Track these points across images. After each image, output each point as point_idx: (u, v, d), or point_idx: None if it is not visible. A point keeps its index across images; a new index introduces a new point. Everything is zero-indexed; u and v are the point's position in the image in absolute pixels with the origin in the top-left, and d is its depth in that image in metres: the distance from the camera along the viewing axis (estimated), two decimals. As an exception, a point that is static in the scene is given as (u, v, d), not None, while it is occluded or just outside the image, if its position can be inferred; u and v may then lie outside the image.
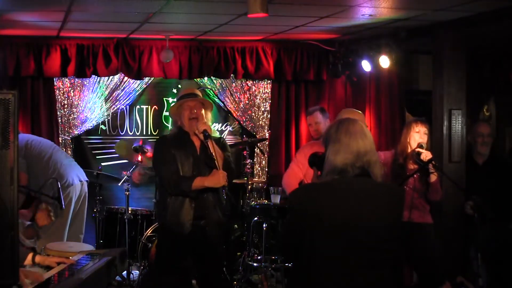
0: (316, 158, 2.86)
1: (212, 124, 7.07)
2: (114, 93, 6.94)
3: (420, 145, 4.70)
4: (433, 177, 4.66)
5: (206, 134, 4.16)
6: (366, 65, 6.61)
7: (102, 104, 6.89)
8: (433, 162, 4.60)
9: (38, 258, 3.45)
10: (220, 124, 7.37)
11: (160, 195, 4.50)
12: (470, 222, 5.00)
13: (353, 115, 4.68)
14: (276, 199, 5.92)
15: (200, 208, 4.28)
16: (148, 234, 5.84)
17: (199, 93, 4.47)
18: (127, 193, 5.99)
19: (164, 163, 4.28)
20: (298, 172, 5.32)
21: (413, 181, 4.74)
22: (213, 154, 4.13)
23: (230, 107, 7.19)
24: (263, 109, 7.31)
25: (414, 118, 5.07)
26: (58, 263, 3.46)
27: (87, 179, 6.07)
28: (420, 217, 4.77)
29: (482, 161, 5.44)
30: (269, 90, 7.31)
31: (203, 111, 4.33)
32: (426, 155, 4.63)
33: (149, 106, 7.20)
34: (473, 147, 5.49)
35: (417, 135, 4.78)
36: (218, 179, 4.16)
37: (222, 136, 6.95)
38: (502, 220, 5.19)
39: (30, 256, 3.42)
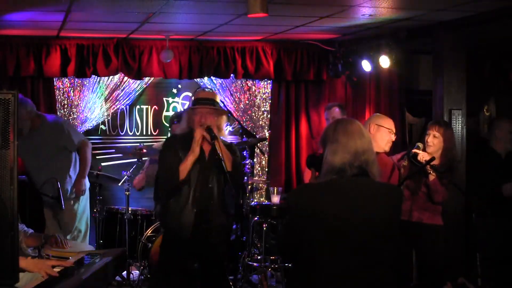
0: (314, 158, 2.86)
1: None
2: (114, 93, 6.94)
3: (416, 146, 4.66)
4: (431, 177, 4.62)
5: (213, 135, 4.11)
6: (366, 65, 6.61)
7: (102, 104, 6.89)
8: (431, 163, 4.52)
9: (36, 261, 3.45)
10: (220, 124, 7.36)
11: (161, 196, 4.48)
12: (470, 221, 5.00)
13: (386, 120, 4.74)
14: (276, 199, 5.91)
15: (203, 211, 4.21)
16: (148, 234, 5.83)
17: (216, 99, 4.32)
18: (127, 193, 5.99)
19: (166, 170, 4.22)
20: None
21: (422, 182, 4.70)
22: (220, 154, 4.08)
23: (230, 107, 7.19)
24: (263, 109, 7.31)
25: (432, 120, 5.05)
26: (53, 266, 3.45)
27: None
28: (429, 218, 4.71)
29: (505, 155, 5.50)
30: (269, 90, 7.32)
31: (215, 119, 4.22)
32: (422, 155, 4.59)
33: (149, 106, 7.20)
34: (500, 141, 5.52)
35: (426, 137, 4.75)
36: (193, 143, 4.10)
37: (231, 142, 6.92)
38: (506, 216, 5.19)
39: (28, 258, 3.41)
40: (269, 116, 7.33)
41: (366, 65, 6.62)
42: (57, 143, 5.71)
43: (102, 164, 6.78)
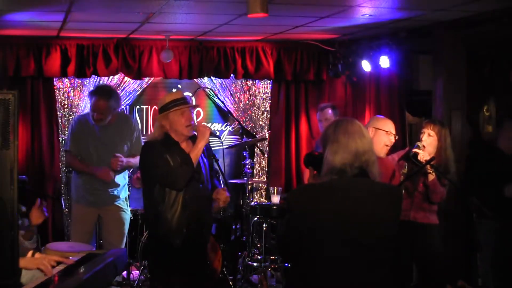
0: (312, 157, 2.86)
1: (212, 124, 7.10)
2: (114, 93, 6.93)
3: (416, 146, 4.63)
4: (431, 177, 4.60)
5: (215, 134, 4.18)
6: (366, 65, 6.61)
7: (102, 104, 6.88)
8: (432, 163, 4.50)
9: (38, 256, 3.45)
10: (220, 124, 7.37)
11: (149, 203, 4.23)
12: (470, 222, 4.99)
13: (384, 123, 4.65)
14: (276, 199, 5.92)
15: (194, 213, 4.13)
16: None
17: (184, 96, 4.35)
18: (127, 193, 5.99)
19: (156, 166, 4.07)
20: None
21: (420, 182, 4.68)
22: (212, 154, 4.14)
23: (230, 107, 7.18)
24: (263, 109, 7.31)
25: (427, 119, 4.96)
26: (58, 263, 3.46)
27: None
28: (425, 217, 4.69)
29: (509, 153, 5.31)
30: (269, 90, 7.32)
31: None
32: (423, 155, 4.56)
33: (149, 106, 7.20)
34: (508, 142, 5.28)
35: (421, 136, 4.73)
36: (204, 132, 4.13)
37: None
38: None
39: (30, 253, 3.41)
40: (269, 116, 7.34)
41: (366, 65, 6.62)
42: (129, 138, 5.50)
43: (102, 164, 6.76)
